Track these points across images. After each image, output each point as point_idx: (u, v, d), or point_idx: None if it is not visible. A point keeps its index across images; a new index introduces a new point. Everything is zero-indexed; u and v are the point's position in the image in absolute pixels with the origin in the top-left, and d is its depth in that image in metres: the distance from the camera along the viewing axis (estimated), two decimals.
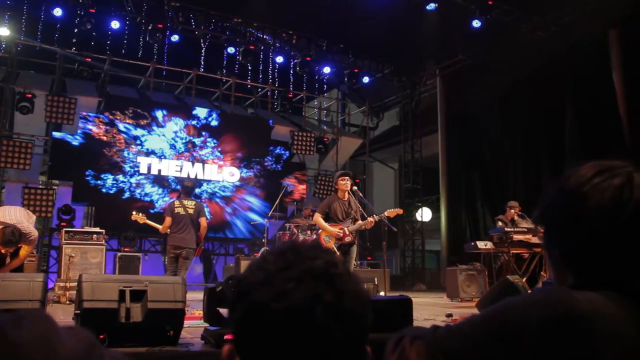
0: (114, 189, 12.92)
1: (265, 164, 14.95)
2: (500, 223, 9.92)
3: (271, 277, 0.80)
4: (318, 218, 7.48)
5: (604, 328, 0.93)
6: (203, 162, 14.20)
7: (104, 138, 12.98)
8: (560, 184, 1.12)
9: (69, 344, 0.69)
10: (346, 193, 7.50)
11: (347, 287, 0.82)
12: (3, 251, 6.21)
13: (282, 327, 0.76)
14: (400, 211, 7.85)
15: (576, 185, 1.08)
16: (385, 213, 7.51)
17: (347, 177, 7.54)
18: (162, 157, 13.67)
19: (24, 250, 6.41)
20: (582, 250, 1.06)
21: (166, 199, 12.95)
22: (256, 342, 0.79)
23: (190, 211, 7.98)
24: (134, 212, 8.46)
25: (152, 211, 12.45)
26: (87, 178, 12.62)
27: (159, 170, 13.52)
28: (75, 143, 12.72)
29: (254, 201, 14.67)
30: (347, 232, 7.29)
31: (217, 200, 14.30)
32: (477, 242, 9.36)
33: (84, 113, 12.88)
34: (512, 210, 9.87)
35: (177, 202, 8.11)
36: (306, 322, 0.76)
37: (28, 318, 0.70)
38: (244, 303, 0.81)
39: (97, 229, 9.48)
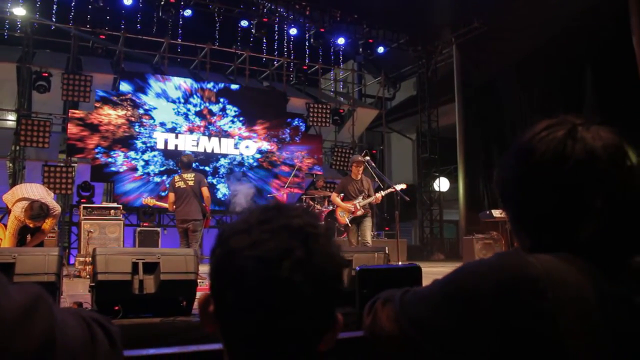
0: (124, 167, 12.79)
1: (283, 136, 14.93)
2: None
3: (251, 227, 0.84)
4: (335, 197, 8.55)
5: (558, 291, 0.90)
6: (223, 133, 14.03)
7: (112, 112, 12.85)
8: (513, 143, 1.10)
9: (15, 298, 0.72)
10: (359, 174, 8.49)
11: (321, 247, 0.84)
12: (32, 225, 6.36)
13: (252, 275, 0.80)
14: (404, 186, 8.50)
15: (525, 141, 1.06)
16: (391, 189, 8.31)
17: (362, 165, 8.46)
18: (174, 130, 13.47)
19: (47, 224, 6.57)
20: (532, 208, 1.03)
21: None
22: (228, 287, 0.83)
23: (191, 183, 8.07)
24: (143, 196, 8.71)
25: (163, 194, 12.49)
26: (97, 156, 12.56)
27: (176, 146, 13.43)
28: (83, 120, 12.61)
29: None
30: (359, 207, 8.30)
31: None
32: (493, 211, 9.32)
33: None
34: None
35: (177, 177, 8.22)
36: (274, 273, 0.79)
37: None
38: (222, 248, 0.85)
39: (115, 204, 9.64)
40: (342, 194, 8.47)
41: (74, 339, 0.79)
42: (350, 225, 8.34)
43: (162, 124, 13.40)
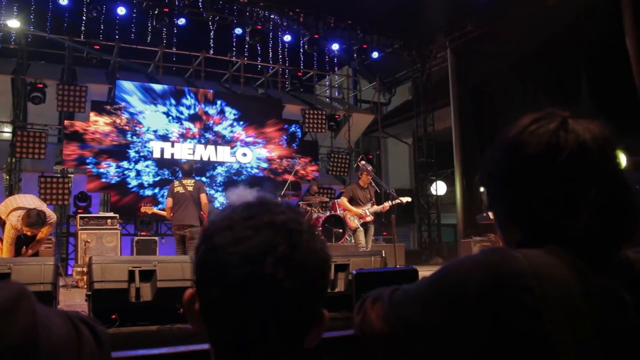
0: (116, 179, 12.56)
1: (280, 142, 14.90)
2: None
3: (234, 224, 0.84)
4: (344, 202, 9.04)
5: (544, 285, 0.89)
6: (222, 140, 13.86)
7: (99, 119, 12.67)
8: (498, 138, 1.10)
9: None
10: (367, 183, 9.02)
11: (305, 244, 0.84)
12: (29, 233, 6.39)
13: (236, 271, 0.80)
14: (410, 199, 9.16)
15: (513, 135, 1.06)
16: (397, 200, 8.63)
17: (371, 174, 8.93)
18: (167, 138, 13.24)
19: (43, 233, 6.60)
20: (523, 201, 1.02)
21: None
22: (212, 284, 0.82)
23: (190, 189, 8.07)
24: (142, 205, 8.85)
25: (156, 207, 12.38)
26: (89, 166, 12.40)
27: (172, 154, 13.24)
28: (66, 128, 12.46)
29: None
30: (368, 213, 8.91)
31: None
32: (489, 213, 9.32)
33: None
34: None
35: (176, 182, 8.24)
36: (257, 269, 0.79)
37: None
38: (206, 245, 0.85)
39: (111, 214, 9.63)
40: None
41: (58, 337, 0.79)
42: (360, 228, 8.90)
43: (154, 132, 13.21)
